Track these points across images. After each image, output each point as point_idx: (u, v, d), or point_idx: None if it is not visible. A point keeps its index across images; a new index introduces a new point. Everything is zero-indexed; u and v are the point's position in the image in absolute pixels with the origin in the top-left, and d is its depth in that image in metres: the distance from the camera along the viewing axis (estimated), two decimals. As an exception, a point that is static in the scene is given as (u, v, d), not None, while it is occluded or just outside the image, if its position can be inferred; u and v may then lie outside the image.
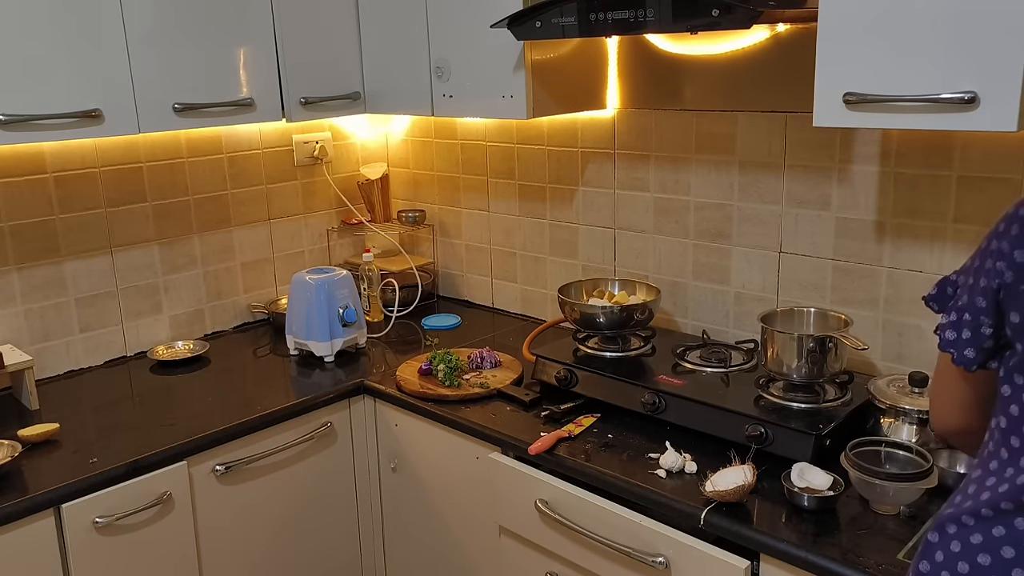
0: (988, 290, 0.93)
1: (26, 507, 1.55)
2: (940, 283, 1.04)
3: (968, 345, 0.97)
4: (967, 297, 0.97)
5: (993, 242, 0.95)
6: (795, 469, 1.47)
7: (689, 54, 2.00)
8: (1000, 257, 0.92)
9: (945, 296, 1.02)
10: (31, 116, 1.72)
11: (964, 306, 0.98)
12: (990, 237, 0.95)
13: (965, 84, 1.26)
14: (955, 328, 0.98)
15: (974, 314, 0.95)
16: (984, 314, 0.94)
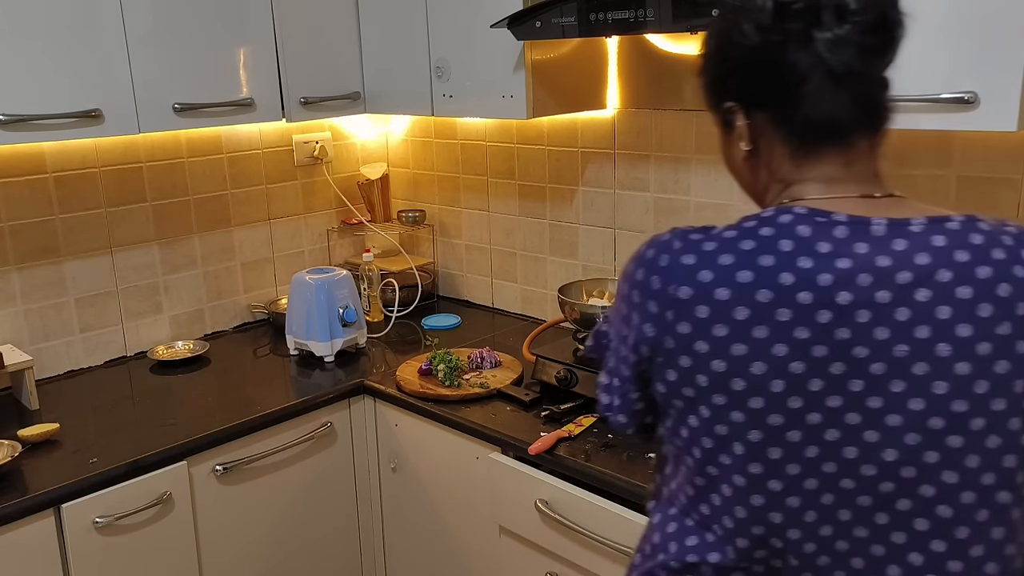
0: (629, 361, 0.89)
1: (26, 507, 1.56)
2: (595, 333, 0.99)
3: (620, 411, 0.94)
4: (614, 361, 0.93)
5: (623, 307, 0.90)
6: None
7: (689, 54, 2.00)
8: (633, 329, 0.88)
9: (601, 346, 0.97)
10: (31, 116, 1.72)
11: (612, 369, 0.93)
12: (620, 300, 0.91)
13: (965, 84, 1.26)
14: (607, 392, 0.94)
15: (622, 380, 0.92)
16: (629, 382, 0.91)
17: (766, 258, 0.80)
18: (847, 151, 0.86)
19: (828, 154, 0.86)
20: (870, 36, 0.82)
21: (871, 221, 0.80)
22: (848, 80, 0.83)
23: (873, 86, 0.87)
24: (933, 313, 0.77)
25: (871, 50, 0.83)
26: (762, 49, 0.84)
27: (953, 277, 0.77)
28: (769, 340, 0.79)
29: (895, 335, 0.77)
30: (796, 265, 0.79)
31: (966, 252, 0.78)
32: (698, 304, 0.81)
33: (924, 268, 0.78)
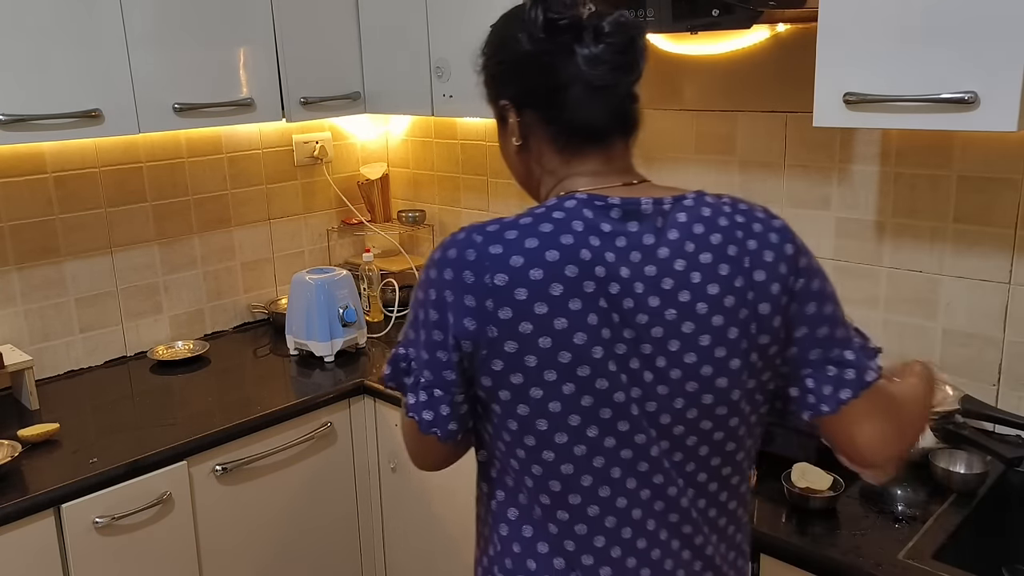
0: (452, 362, 0.93)
1: (26, 507, 1.55)
2: (391, 360, 1.00)
3: (449, 420, 0.96)
4: (429, 374, 0.94)
5: (432, 313, 0.93)
6: (796, 469, 1.47)
7: (689, 54, 2.00)
8: (449, 329, 0.92)
9: (400, 371, 0.99)
10: (31, 116, 1.72)
11: (429, 383, 0.95)
12: (424, 308, 0.94)
13: (965, 84, 1.26)
14: (428, 407, 0.95)
15: (445, 387, 0.94)
16: (455, 385, 0.94)
17: (566, 237, 0.90)
18: (606, 150, 0.98)
19: (591, 152, 0.98)
20: (620, 56, 0.93)
21: (639, 202, 0.94)
22: (602, 92, 0.95)
23: (623, 98, 0.97)
24: (689, 279, 0.91)
25: (620, 67, 0.94)
26: (533, 56, 0.95)
27: (695, 248, 0.92)
28: (583, 311, 0.89)
29: (664, 302, 0.91)
30: (589, 243, 0.90)
31: (701, 225, 0.93)
32: (516, 288, 0.89)
33: (675, 241, 0.92)
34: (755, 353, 0.94)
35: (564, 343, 0.89)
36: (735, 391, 0.94)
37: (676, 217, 0.93)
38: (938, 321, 1.71)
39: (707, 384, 0.93)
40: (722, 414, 0.94)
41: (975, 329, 1.66)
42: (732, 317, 0.92)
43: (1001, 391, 1.65)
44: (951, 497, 1.45)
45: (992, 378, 1.66)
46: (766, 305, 0.93)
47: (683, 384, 0.92)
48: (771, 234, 0.95)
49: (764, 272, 0.93)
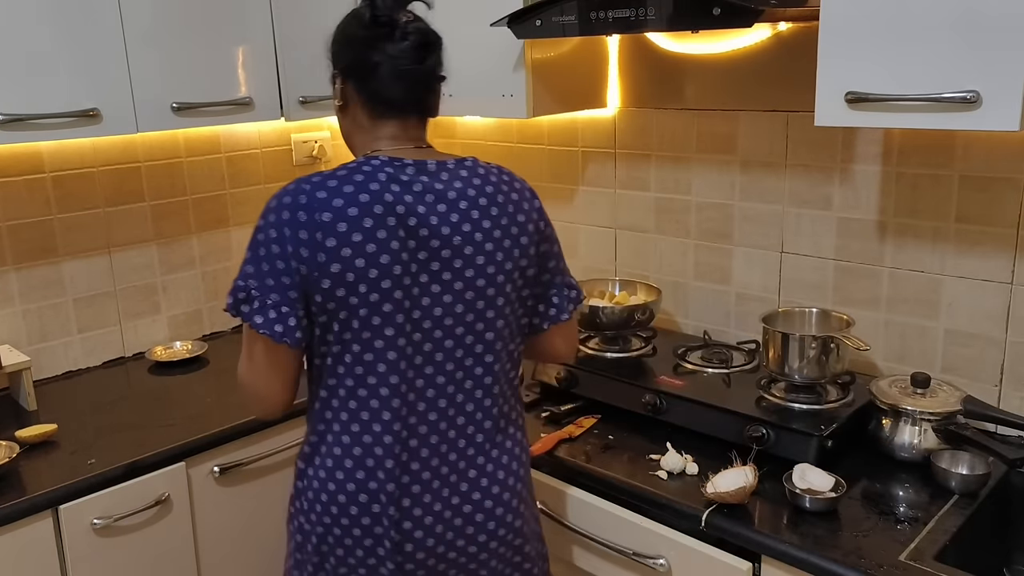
0: (295, 284, 1.19)
1: (24, 508, 1.55)
2: (232, 292, 1.22)
3: (296, 330, 1.21)
4: (275, 295, 1.19)
5: (274, 247, 1.19)
6: (797, 470, 1.46)
7: (690, 53, 1.99)
8: (289, 257, 1.19)
9: (239, 301, 1.21)
10: (29, 116, 1.72)
11: (276, 303, 1.20)
12: (266, 244, 1.20)
13: (967, 83, 1.25)
14: (280, 321, 1.20)
15: (290, 304, 1.20)
16: (298, 302, 1.20)
17: (373, 185, 1.20)
18: (403, 121, 1.29)
19: (391, 120, 1.29)
20: (416, 52, 1.25)
21: (427, 162, 1.26)
22: (403, 76, 1.26)
23: (418, 83, 1.28)
24: (470, 215, 1.24)
25: (416, 61, 1.26)
26: (357, 40, 1.26)
27: (475, 193, 1.26)
28: (387, 239, 1.19)
29: (452, 231, 1.23)
30: (391, 189, 1.21)
31: (478, 178, 1.28)
32: (338, 222, 1.18)
33: (460, 188, 1.25)
34: (516, 272, 1.28)
35: (373, 263, 1.19)
36: (499, 299, 1.27)
37: (459, 172, 1.27)
38: (940, 321, 1.71)
39: (480, 293, 1.25)
40: (490, 317, 1.27)
41: (977, 329, 1.66)
42: (499, 244, 1.26)
43: (1003, 392, 1.65)
44: (953, 498, 1.44)
45: (994, 379, 1.65)
46: (525, 238, 1.28)
47: (463, 293, 1.24)
48: (526, 191, 1.33)
49: (523, 215, 1.29)
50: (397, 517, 1.25)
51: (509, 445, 1.34)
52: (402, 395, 1.24)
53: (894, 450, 1.56)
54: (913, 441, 1.54)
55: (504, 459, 1.33)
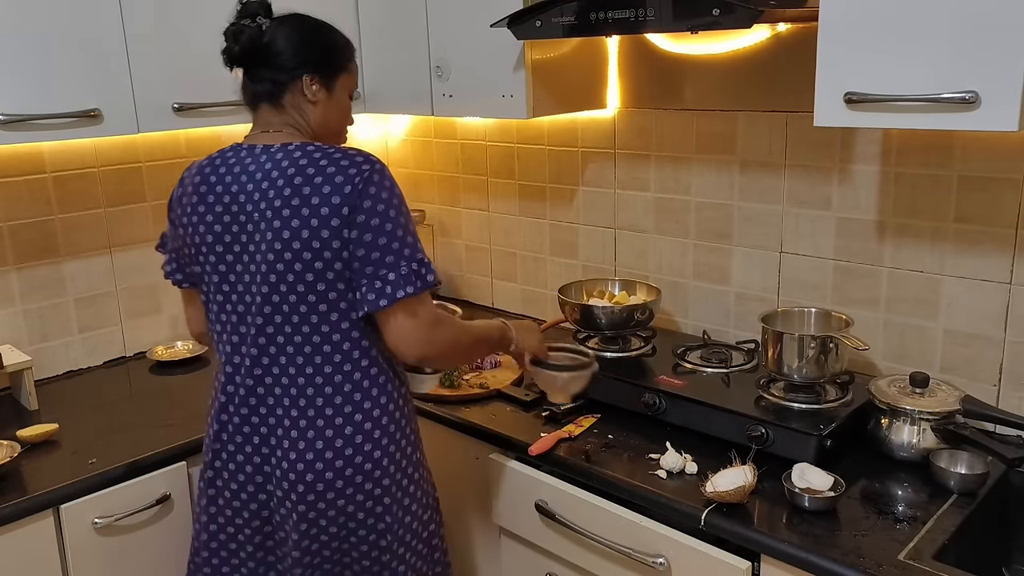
0: (176, 241, 1.50)
1: (25, 508, 1.55)
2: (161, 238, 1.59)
3: (176, 272, 1.55)
4: (174, 251, 1.54)
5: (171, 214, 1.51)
6: (796, 470, 1.46)
7: (690, 53, 2.00)
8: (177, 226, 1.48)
9: (162, 245, 1.58)
10: (30, 116, 1.72)
11: (174, 256, 1.55)
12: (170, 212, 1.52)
13: (966, 84, 1.26)
14: (169, 265, 1.57)
15: (176, 254, 1.53)
16: (175, 251, 1.53)
17: (207, 167, 1.43)
18: (255, 114, 1.48)
19: (255, 112, 1.48)
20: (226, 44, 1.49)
21: (256, 146, 1.42)
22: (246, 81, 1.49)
23: (254, 84, 1.47)
24: (267, 193, 1.36)
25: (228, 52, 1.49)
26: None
27: (277, 174, 1.36)
28: (205, 213, 1.41)
29: (256, 206, 1.37)
30: (217, 170, 1.42)
31: (286, 160, 1.37)
32: (180, 198, 1.46)
33: (267, 170, 1.38)
34: (306, 252, 1.34)
35: (196, 234, 1.43)
36: (289, 274, 1.36)
37: (275, 155, 1.39)
38: (939, 321, 1.71)
39: (270, 266, 1.36)
40: (283, 290, 1.37)
41: (976, 329, 1.66)
42: (286, 222, 1.34)
43: (1002, 391, 1.65)
44: (952, 498, 1.44)
45: (993, 378, 1.66)
46: (315, 220, 1.33)
47: (261, 263, 1.37)
48: (338, 176, 1.34)
49: (319, 198, 1.34)
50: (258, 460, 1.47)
51: (319, 415, 1.41)
52: (231, 355, 1.46)
53: (893, 449, 1.57)
54: (912, 440, 1.55)
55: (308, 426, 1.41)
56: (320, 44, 1.47)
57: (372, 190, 1.35)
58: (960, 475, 1.46)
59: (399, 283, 1.36)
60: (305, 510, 1.42)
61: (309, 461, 1.41)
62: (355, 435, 1.42)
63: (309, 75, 1.44)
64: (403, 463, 1.48)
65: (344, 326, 1.40)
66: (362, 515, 1.44)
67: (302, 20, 1.48)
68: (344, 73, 1.51)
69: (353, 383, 1.43)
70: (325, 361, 1.41)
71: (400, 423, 1.48)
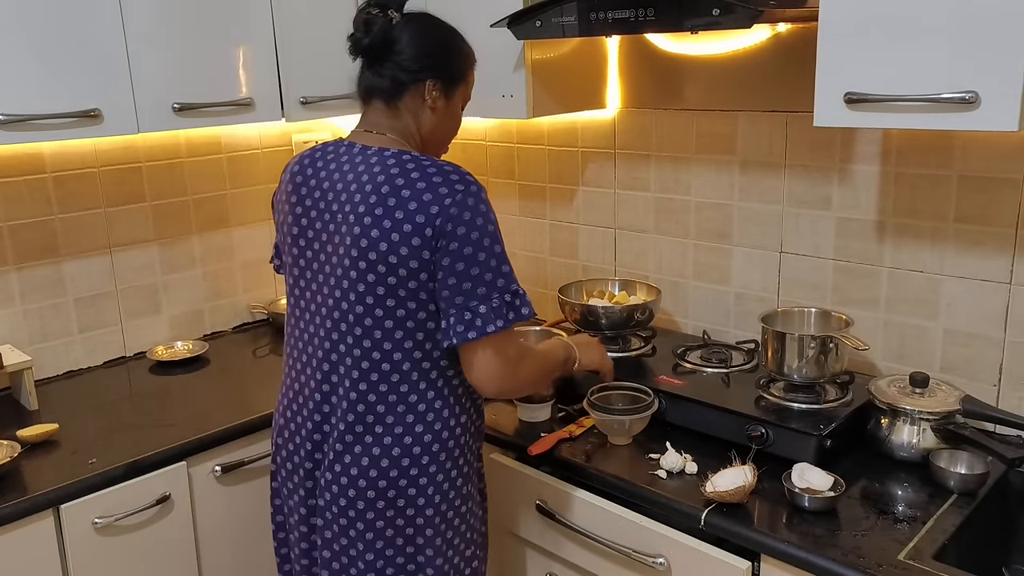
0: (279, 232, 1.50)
1: (25, 508, 1.55)
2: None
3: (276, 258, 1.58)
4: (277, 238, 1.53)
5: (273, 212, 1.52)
6: (796, 470, 1.47)
7: (690, 54, 2.00)
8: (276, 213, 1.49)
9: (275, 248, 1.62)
10: (30, 116, 1.72)
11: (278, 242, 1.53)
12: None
13: (966, 84, 1.26)
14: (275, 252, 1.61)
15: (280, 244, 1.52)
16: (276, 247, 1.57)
17: (306, 159, 1.43)
18: (368, 107, 1.43)
19: (366, 105, 1.43)
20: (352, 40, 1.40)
21: (355, 145, 1.39)
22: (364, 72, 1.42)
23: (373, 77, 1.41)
24: (355, 197, 1.32)
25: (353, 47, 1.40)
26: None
27: (368, 178, 1.32)
28: (296, 204, 1.40)
29: (342, 207, 1.34)
30: (315, 164, 1.41)
31: (379, 167, 1.33)
32: (279, 192, 1.46)
33: (360, 172, 1.34)
34: (381, 265, 1.30)
35: (285, 223, 1.43)
36: (360, 283, 1.32)
37: (370, 158, 1.35)
38: (939, 321, 1.71)
39: (345, 271, 1.33)
40: (352, 299, 1.33)
41: (976, 329, 1.66)
42: (366, 231, 1.30)
43: (1002, 391, 1.65)
44: (952, 498, 1.44)
45: (993, 378, 1.66)
46: (396, 235, 1.28)
47: (337, 267, 1.34)
48: (426, 194, 1.29)
49: (403, 213, 1.28)
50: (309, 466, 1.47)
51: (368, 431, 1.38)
52: (303, 351, 1.44)
53: (893, 449, 1.57)
54: (912, 440, 1.55)
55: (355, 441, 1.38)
56: (448, 50, 1.44)
57: (466, 215, 1.29)
58: (960, 475, 1.47)
59: (490, 316, 1.30)
60: (346, 525, 1.39)
61: (353, 476, 1.38)
62: (401, 457, 1.37)
63: (432, 80, 1.40)
64: (450, 494, 1.41)
65: (407, 346, 1.35)
66: (400, 541, 1.40)
67: (434, 22, 1.45)
68: (464, 83, 1.48)
69: (408, 405, 1.37)
70: (382, 379, 1.36)
71: (452, 452, 1.41)
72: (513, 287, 1.34)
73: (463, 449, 1.44)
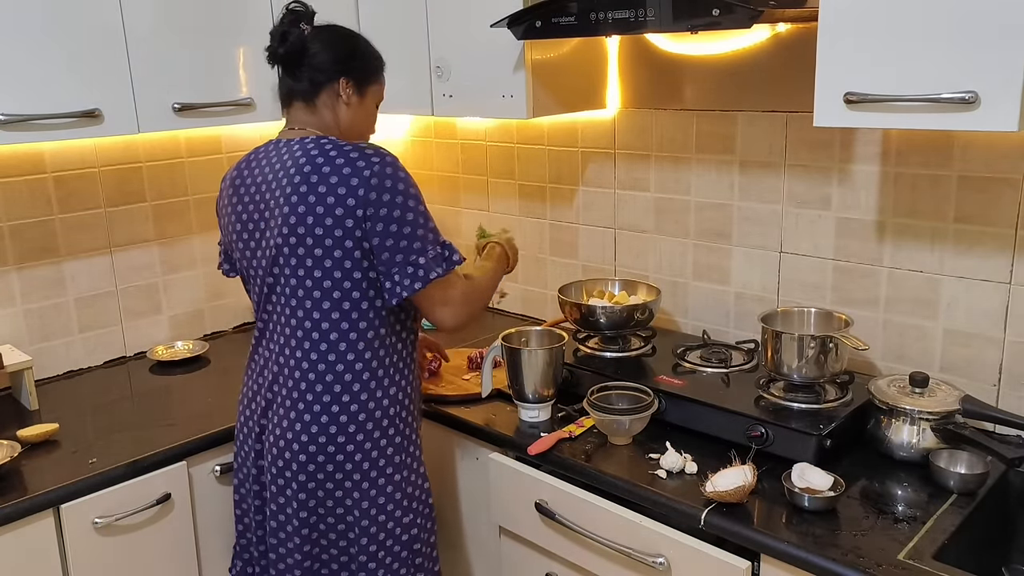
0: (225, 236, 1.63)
1: (25, 508, 1.55)
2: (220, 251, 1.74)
3: (224, 263, 1.71)
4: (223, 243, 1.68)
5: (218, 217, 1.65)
6: (796, 469, 1.47)
7: (689, 54, 2.00)
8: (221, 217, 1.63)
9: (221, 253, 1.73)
10: (30, 116, 1.72)
11: (224, 247, 1.69)
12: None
13: (966, 84, 1.26)
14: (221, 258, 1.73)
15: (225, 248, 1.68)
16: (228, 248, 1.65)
17: (242, 164, 1.58)
18: (287, 111, 1.60)
19: (288, 109, 1.60)
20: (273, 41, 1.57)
21: (281, 140, 1.54)
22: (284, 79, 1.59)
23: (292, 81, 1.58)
24: (283, 182, 1.46)
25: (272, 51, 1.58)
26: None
27: (292, 166, 1.46)
28: (236, 203, 1.55)
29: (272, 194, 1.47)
30: (249, 163, 1.56)
31: (301, 151, 1.47)
32: (221, 198, 1.61)
33: (284, 160, 1.48)
34: (309, 238, 1.43)
35: (230, 224, 1.56)
36: (292, 259, 1.46)
37: (293, 148, 1.49)
38: (939, 321, 1.71)
39: (278, 248, 1.46)
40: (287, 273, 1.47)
41: (976, 329, 1.66)
42: (294, 208, 1.43)
43: (1002, 391, 1.65)
44: (951, 497, 1.44)
45: (993, 378, 1.66)
46: (320, 207, 1.42)
47: (269, 247, 1.47)
48: (345, 168, 1.42)
49: (325, 187, 1.42)
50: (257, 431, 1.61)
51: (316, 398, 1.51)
52: (262, 332, 1.58)
53: (893, 449, 1.57)
54: (912, 440, 1.55)
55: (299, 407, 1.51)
56: (359, 54, 1.60)
57: (388, 183, 1.43)
58: (960, 475, 1.47)
59: (430, 266, 1.47)
60: (283, 485, 1.53)
61: (288, 440, 1.51)
62: (329, 425, 1.50)
63: (346, 78, 1.57)
64: (380, 461, 1.54)
65: (335, 317, 1.49)
66: (331, 503, 1.53)
67: (341, 31, 1.61)
68: (375, 83, 1.63)
69: (335, 375, 1.50)
70: (313, 348, 1.50)
71: (381, 423, 1.54)
72: (442, 239, 1.51)
73: (394, 420, 1.56)
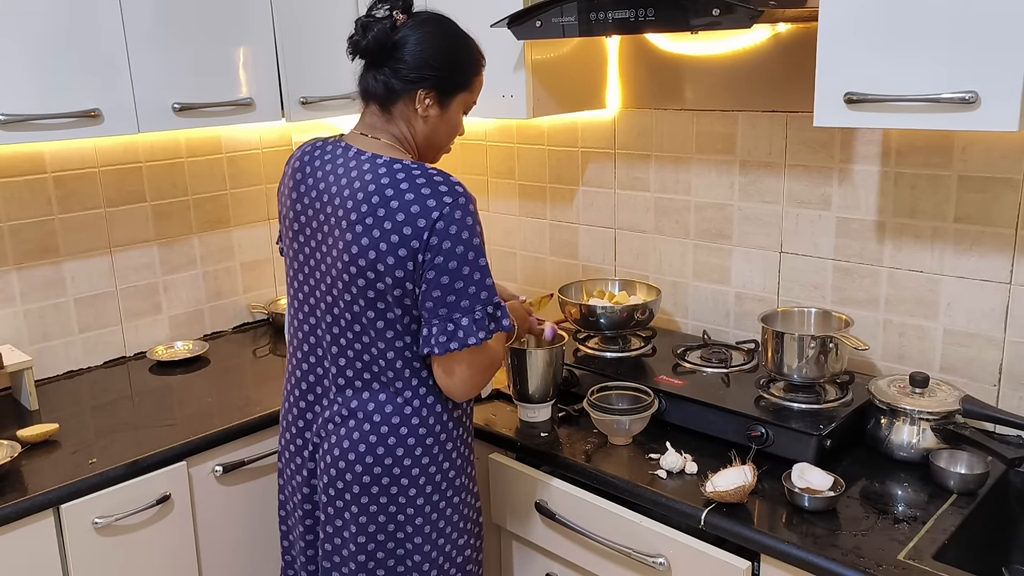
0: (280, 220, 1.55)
1: (25, 508, 1.55)
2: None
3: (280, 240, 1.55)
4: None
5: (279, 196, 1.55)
6: (796, 469, 1.47)
7: (690, 54, 2.00)
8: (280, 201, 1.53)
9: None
10: (30, 116, 1.72)
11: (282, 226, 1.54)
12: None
13: (966, 84, 1.26)
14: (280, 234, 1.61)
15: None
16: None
17: (306, 156, 1.45)
18: (366, 108, 1.44)
19: (364, 106, 1.44)
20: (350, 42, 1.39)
21: (351, 148, 1.40)
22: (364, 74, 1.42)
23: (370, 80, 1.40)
24: (348, 203, 1.34)
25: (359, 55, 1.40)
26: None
27: (360, 186, 1.34)
28: (296, 200, 1.43)
29: (336, 211, 1.36)
30: (313, 162, 1.43)
31: (371, 174, 1.34)
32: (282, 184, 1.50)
33: (353, 178, 1.35)
34: (370, 272, 1.32)
35: (286, 217, 1.46)
36: (352, 286, 1.35)
37: (363, 164, 1.36)
38: (939, 321, 1.71)
39: (339, 272, 1.36)
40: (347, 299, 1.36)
41: (976, 329, 1.66)
42: (357, 238, 1.32)
43: (1002, 391, 1.65)
44: (951, 497, 1.45)
45: (993, 378, 1.66)
46: (384, 244, 1.30)
47: (331, 268, 1.37)
48: (413, 206, 1.30)
49: (391, 223, 1.30)
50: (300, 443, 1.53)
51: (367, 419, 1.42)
52: (303, 340, 1.49)
53: (893, 449, 1.57)
54: (912, 440, 1.55)
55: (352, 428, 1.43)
56: (448, 61, 1.40)
57: (453, 229, 1.29)
58: (960, 475, 1.47)
59: (471, 328, 1.32)
60: (342, 507, 1.44)
61: (350, 462, 1.42)
62: (396, 447, 1.41)
63: (425, 90, 1.38)
64: (442, 485, 1.45)
65: (399, 345, 1.38)
66: (392, 527, 1.44)
67: (440, 28, 1.41)
68: (464, 91, 1.45)
69: (404, 399, 1.41)
70: (379, 374, 1.41)
71: (445, 445, 1.45)
72: (495, 300, 1.35)
73: (456, 442, 1.47)
